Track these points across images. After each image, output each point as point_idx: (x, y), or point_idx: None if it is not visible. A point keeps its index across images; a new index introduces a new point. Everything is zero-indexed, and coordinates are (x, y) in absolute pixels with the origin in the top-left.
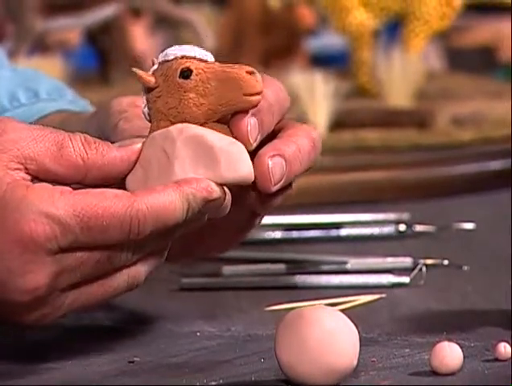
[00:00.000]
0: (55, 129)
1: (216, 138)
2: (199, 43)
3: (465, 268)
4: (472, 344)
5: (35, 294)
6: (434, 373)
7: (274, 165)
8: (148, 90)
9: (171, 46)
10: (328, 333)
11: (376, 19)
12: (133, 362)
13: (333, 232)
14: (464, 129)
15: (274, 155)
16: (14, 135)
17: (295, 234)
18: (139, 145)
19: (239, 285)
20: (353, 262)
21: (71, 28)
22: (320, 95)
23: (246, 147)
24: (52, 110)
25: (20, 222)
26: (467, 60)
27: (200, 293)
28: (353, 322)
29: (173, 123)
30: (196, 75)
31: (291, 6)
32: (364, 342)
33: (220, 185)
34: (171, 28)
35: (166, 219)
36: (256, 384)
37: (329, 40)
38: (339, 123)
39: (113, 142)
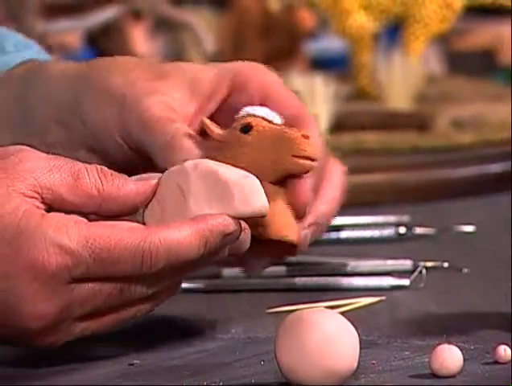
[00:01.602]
0: (71, 159)
1: (229, 173)
2: (198, 46)
3: (465, 270)
4: (472, 347)
5: (45, 322)
6: (434, 376)
7: (308, 234)
8: (212, 139)
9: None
10: (328, 335)
11: (376, 22)
12: (133, 364)
13: (333, 235)
14: (464, 131)
15: (310, 225)
16: (31, 164)
17: None
18: (155, 181)
19: (239, 287)
20: (352, 264)
21: (71, 30)
22: (320, 97)
23: (296, 216)
24: (17, 62)
25: (33, 251)
26: (467, 63)
27: (201, 296)
28: (352, 324)
29: None
30: (256, 131)
31: (291, 8)
32: (364, 345)
33: (237, 219)
34: (171, 31)
35: (179, 255)
36: None
37: (329, 43)
38: (339, 125)
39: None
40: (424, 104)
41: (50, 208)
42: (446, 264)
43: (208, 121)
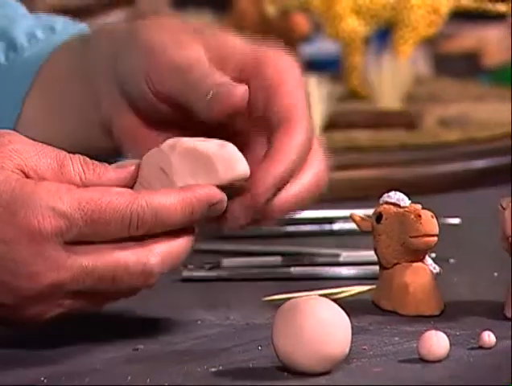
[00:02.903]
0: (56, 148)
1: (207, 145)
2: None
3: (451, 260)
4: (458, 333)
5: (38, 287)
6: (422, 360)
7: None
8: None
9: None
10: (321, 322)
11: (367, 26)
12: (137, 350)
13: (326, 227)
14: (450, 129)
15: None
16: (19, 146)
17: (290, 228)
18: (133, 167)
19: (238, 276)
20: (345, 255)
21: None
22: (314, 97)
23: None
24: (61, 43)
25: (29, 215)
26: (453, 65)
27: (201, 284)
28: (345, 311)
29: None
30: (385, 219)
31: (287, 13)
32: (356, 331)
33: (221, 187)
34: None
35: (165, 218)
36: (254, 371)
37: (323, 46)
38: (332, 124)
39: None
40: (412, 103)
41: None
42: (433, 255)
43: (356, 217)
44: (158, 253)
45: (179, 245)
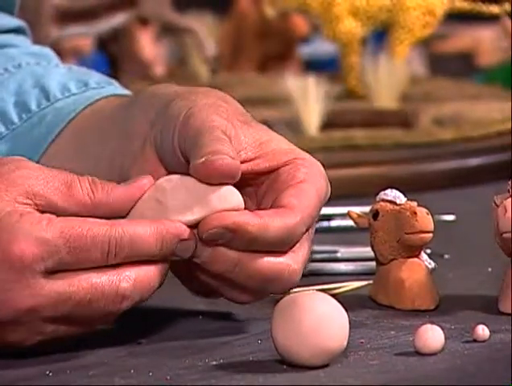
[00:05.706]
0: (64, 171)
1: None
2: (200, 50)
3: (446, 256)
4: (453, 327)
5: (17, 314)
6: (417, 353)
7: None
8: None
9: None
10: (319, 316)
11: (364, 27)
12: (140, 343)
13: (325, 224)
14: (445, 128)
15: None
16: (26, 172)
17: None
18: (144, 181)
19: None
20: (342, 251)
21: (83, 35)
22: (312, 97)
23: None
24: (99, 97)
25: (11, 243)
26: (447, 65)
27: None
28: (343, 306)
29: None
30: (382, 216)
31: (286, 15)
32: (353, 325)
33: (191, 228)
34: (175, 36)
35: (140, 247)
36: (253, 364)
37: (321, 47)
38: (330, 123)
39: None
40: (408, 103)
41: (44, 214)
42: (429, 251)
43: (353, 213)
44: (130, 278)
45: (150, 273)
